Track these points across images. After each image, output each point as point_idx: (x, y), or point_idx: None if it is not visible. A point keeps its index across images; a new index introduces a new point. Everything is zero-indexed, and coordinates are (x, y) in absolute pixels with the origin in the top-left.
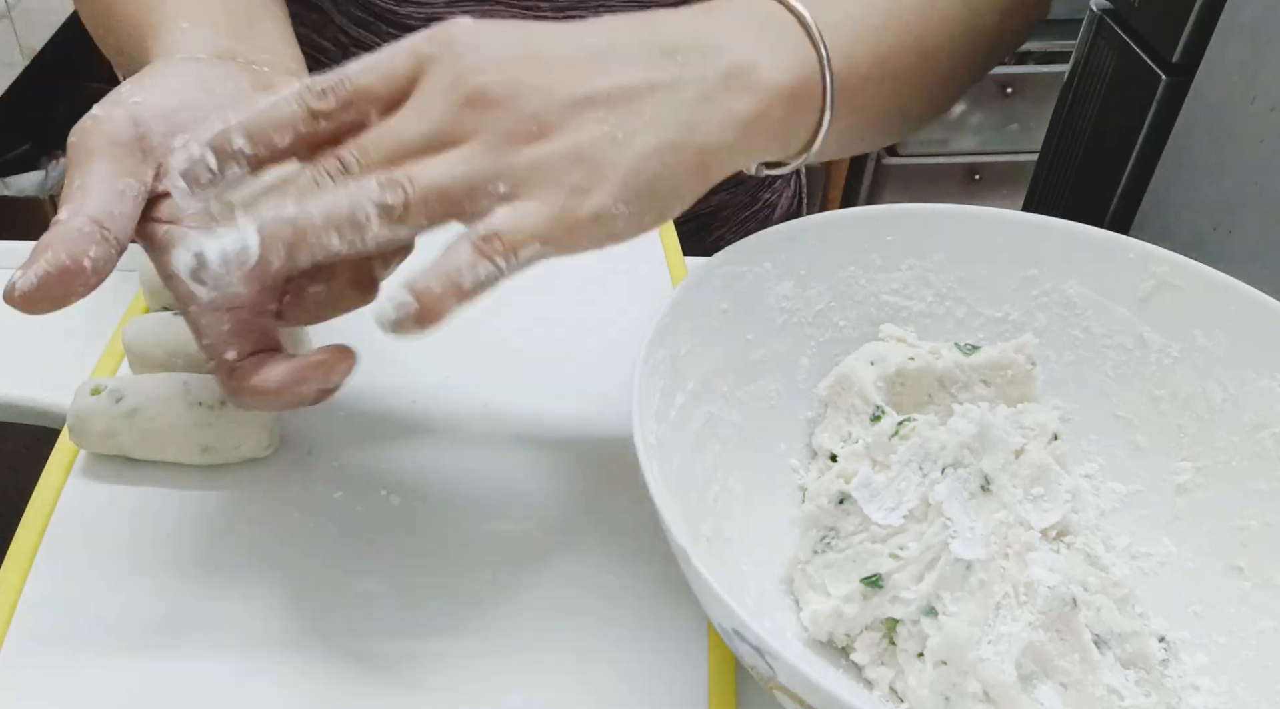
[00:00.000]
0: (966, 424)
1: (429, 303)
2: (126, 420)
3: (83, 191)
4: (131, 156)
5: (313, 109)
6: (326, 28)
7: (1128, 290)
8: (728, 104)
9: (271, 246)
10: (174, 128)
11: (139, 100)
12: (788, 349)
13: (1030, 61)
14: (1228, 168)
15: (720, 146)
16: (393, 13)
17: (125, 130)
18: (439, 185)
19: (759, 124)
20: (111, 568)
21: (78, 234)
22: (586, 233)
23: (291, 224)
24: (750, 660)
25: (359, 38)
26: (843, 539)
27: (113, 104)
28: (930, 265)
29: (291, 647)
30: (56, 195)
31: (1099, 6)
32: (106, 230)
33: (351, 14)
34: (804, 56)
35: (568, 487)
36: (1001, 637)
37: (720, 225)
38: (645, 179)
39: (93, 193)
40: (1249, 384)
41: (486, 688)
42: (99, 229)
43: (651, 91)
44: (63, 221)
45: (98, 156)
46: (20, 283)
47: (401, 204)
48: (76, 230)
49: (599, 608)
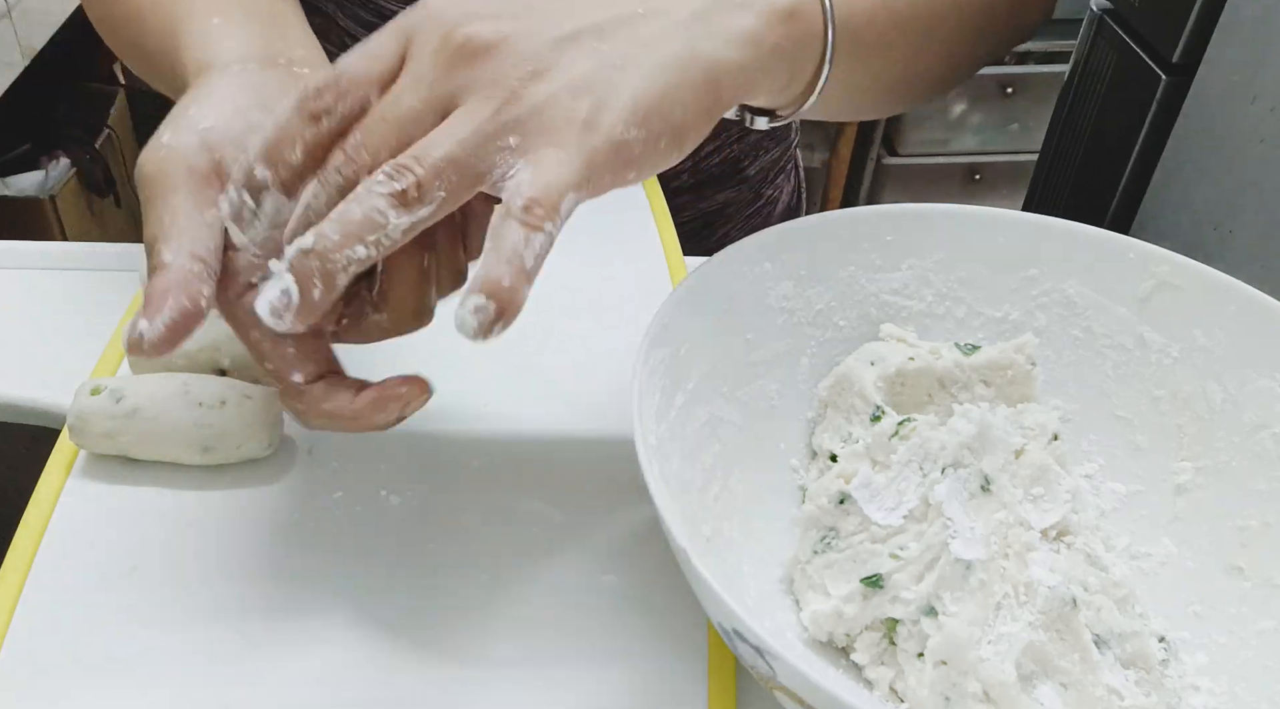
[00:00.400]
0: (966, 424)
1: (504, 296)
2: (126, 420)
3: (177, 229)
4: (210, 186)
5: (312, 112)
6: (331, 31)
7: (1128, 290)
8: (725, 19)
9: (307, 283)
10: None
11: (209, 125)
12: (788, 349)
13: (1030, 61)
14: (1228, 168)
15: (723, 61)
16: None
17: (202, 159)
18: (448, 155)
19: (760, 38)
20: (111, 568)
21: (190, 275)
22: (608, 166)
23: (315, 255)
24: (750, 660)
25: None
26: (843, 539)
27: (182, 128)
28: (930, 265)
29: (291, 646)
30: (56, 195)
31: (1099, 6)
32: (208, 266)
33: (359, 18)
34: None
35: (568, 487)
36: (1001, 637)
37: (725, 222)
38: (653, 98)
39: (187, 230)
40: (1249, 384)
41: (486, 687)
42: (205, 267)
43: (644, 16)
44: (170, 265)
45: (181, 189)
46: (149, 334)
47: (414, 186)
48: (187, 271)
49: (599, 608)
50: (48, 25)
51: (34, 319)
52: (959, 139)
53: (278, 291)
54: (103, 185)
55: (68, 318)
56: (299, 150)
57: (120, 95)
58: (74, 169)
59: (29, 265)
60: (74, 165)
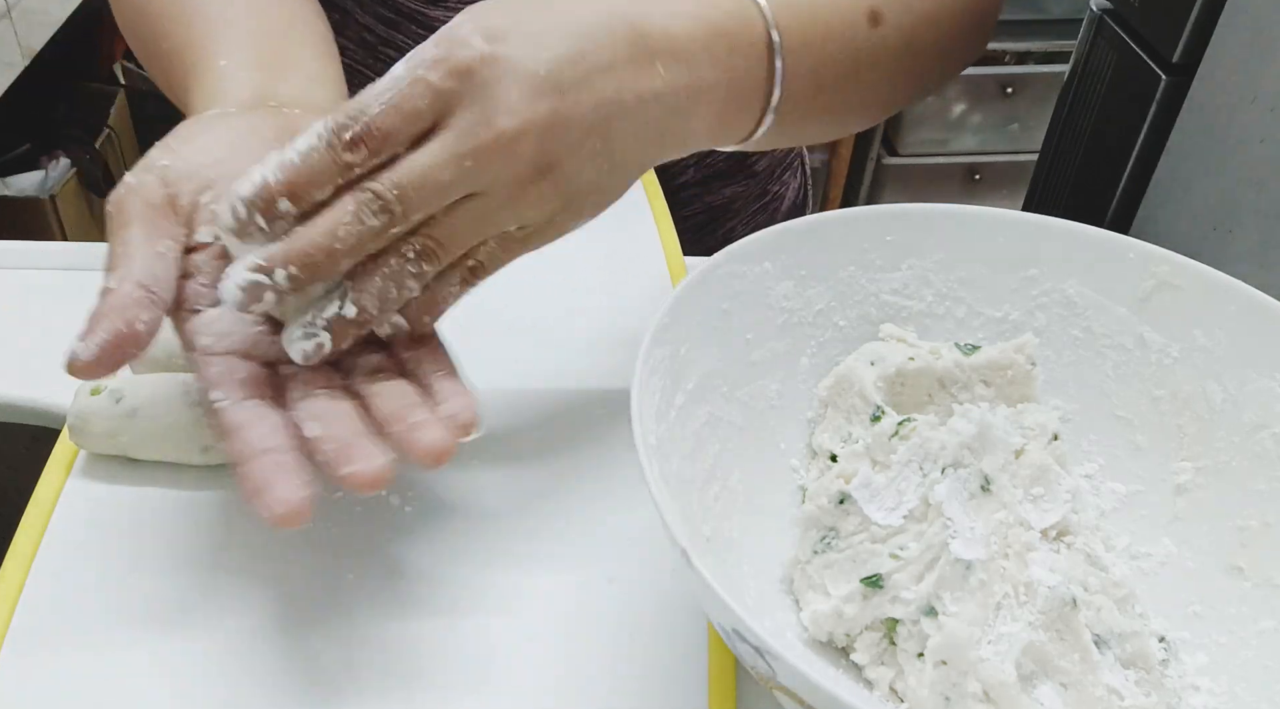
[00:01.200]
0: (966, 424)
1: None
2: (126, 420)
3: (126, 257)
4: (166, 219)
5: (346, 162)
6: (349, 27)
7: (1128, 290)
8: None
9: (340, 339)
10: (201, 185)
11: (166, 164)
12: (788, 349)
13: (1030, 61)
14: (1228, 168)
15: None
16: (421, 14)
17: (157, 193)
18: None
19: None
20: (111, 568)
21: (129, 300)
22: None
23: (354, 323)
24: (750, 660)
25: (387, 37)
26: (843, 539)
27: (144, 171)
28: (930, 265)
29: (291, 646)
30: (56, 195)
31: (1099, 6)
32: (153, 293)
33: (379, 14)
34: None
35: (568, 487)
36: (1001, 637)
37: (731, 217)
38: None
39: (136, 258)
40: (1249, 384)
41: (486, 687)
42: (146, 294)
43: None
44: (113, 290)
45: (135, 222)
46: (82, 354)
47: (433, 268)
48: (127, 296)
49: (599, 608)
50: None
51: (34, 319)
52: (959, 139)
53: (313, 345)
54: (103, 185)
55: (68, 318)
56: (329, 192)
57: (120, 95)
58: (74, 169)
59: (29, 265)
60: (74, 165)
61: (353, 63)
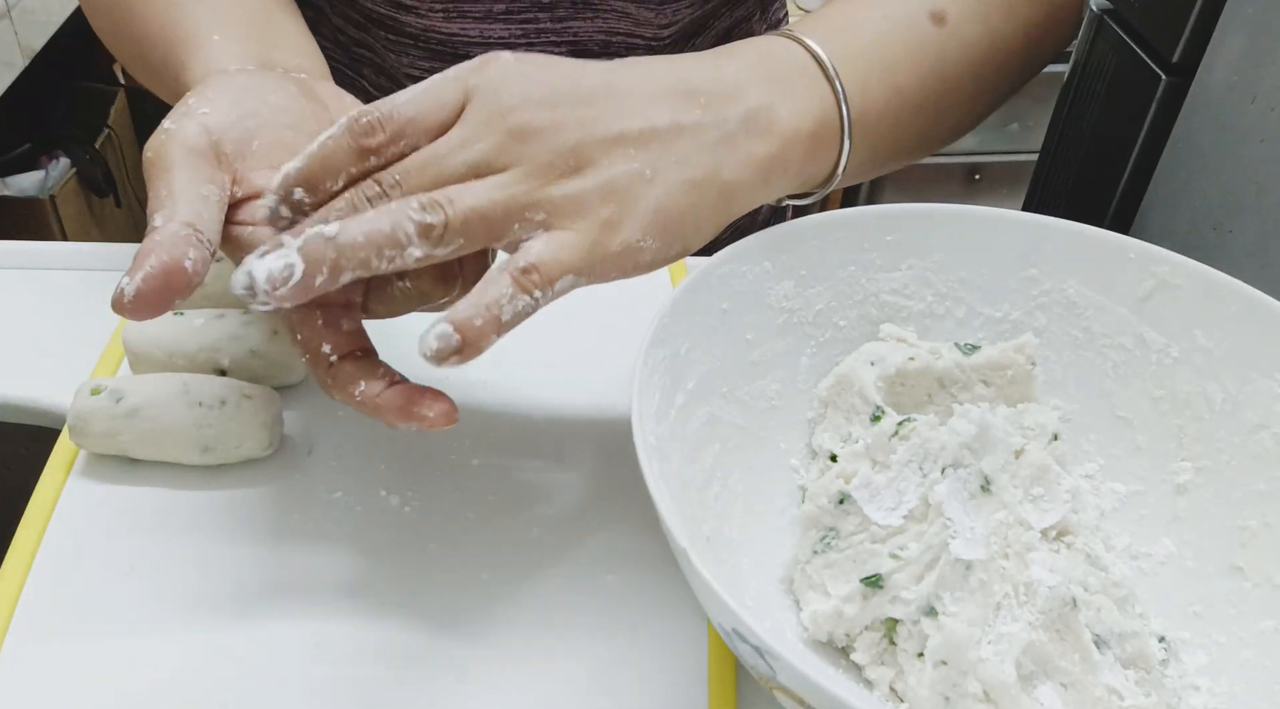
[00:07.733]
0: (966, 424)
1: (471, 336)
2: (126, 420)
3: (171, 199)
4: (209, 164)
5: (362, 147)
6: (323, 25)
7: (1128, 290)
8: (748, 146)
9: (315, 267)
10: (243, 135)
11: (207, 112)
12: (788, 349)
13: None
14: (1228, 168)
15: (741, 185)
16: (392, 19)
17: (200, 139)
18: (479, 209)
19: (777, 164)
20: (111, 568)
21: (176, 238)
22: (615, 264)
23: (334, 244)
24: (750, 660)
25: (359, 38)
26: (843, 539)
27: (182, 117)
28: (930, 265)
29: (291, 646)
30: (56, 195)
31: (1099, 6)
32: (200, 233)
33: (349, 16)
34: (821, 96)
35: (567, 487)
36: (1001, 637)
37: None
38: (671, 215)
39: (181, 200)
40: (1249, 384)
41: (486, 687)
42: (194, 232)
43: (679, 133)
44: (159, 228)
45: (179, 166)
46: (128, 289)
47: (441, 224)
48: (174, 234)
49: (599, 608)
50: (48, 25)
51: (34, 319)
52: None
53: (281, 264)
54: (102, 185)
55: (68, 318)
56: (341, 181)
57: (120, 95)
58: (74, 169)
59: (29, 265)
60: (74, 165)
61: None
